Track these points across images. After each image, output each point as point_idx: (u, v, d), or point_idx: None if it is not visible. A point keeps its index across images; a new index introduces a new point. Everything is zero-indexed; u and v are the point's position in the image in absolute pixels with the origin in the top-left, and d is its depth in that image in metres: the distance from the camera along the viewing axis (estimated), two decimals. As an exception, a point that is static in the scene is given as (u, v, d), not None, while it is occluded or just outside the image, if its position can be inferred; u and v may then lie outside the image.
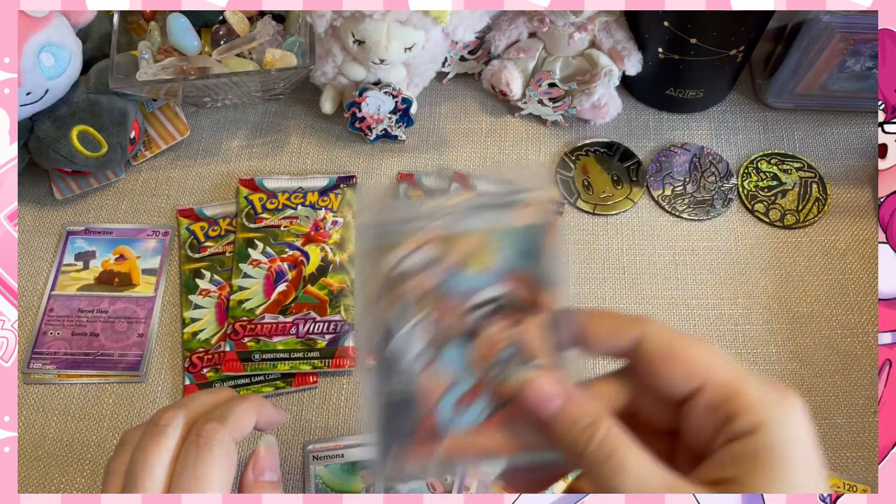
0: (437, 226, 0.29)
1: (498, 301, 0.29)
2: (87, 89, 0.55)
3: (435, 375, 0.29)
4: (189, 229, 0.57)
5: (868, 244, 0.55)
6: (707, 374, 0.26)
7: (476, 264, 0.29)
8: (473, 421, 0.29)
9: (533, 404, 0.27)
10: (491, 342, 0.29)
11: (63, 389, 0.52)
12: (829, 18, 0.51)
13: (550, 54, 0.60)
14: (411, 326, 0.29)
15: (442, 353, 0.29)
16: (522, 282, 0.29)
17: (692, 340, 0.27)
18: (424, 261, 0.29)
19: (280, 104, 0.63)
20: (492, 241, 0.29)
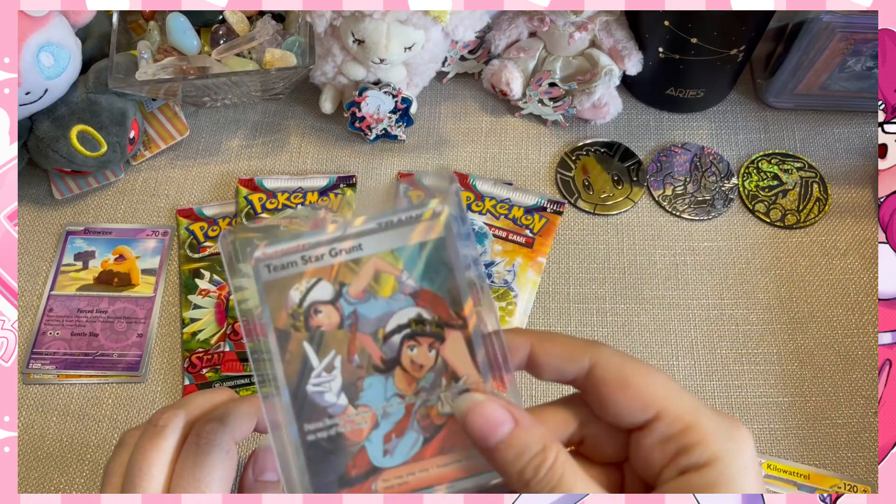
0: (338, 251, 0.28)
1: (410, 325, 0.28)
2: (87, 89, 0.55)
3: (359, 412, 0.28)
4: (188, 229, 0.56)
5: (869, 244, 0.55)
6: (661, 404, 0.26)
7: (383, 290, 0.28)
8: (407, 453, 0.28)
9: (478, 430, 0.26)
10: (412, 369, 0.28)
11: (62, 390, 0.52)
12: (829, 18, 0.51)
13: (551, 54, 0.60)
14: (327, 363, 0.28)
15: (363, 387, 0.28)
16: (431, 301, 0.28)
17: (646, 368, 0.27)
18: (330, 292, 0.28)
19: (280, 104, 0.63)
20: (399, 261, 0.28)
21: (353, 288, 0.28)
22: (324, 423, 0.28)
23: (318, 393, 0.28)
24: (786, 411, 0.50)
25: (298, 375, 0.28)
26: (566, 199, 0.58)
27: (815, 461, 0.48)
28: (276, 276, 0.28)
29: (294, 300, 0.28)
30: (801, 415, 0.50)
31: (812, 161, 0.59)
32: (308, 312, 0.28)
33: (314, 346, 0.28)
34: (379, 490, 0.27)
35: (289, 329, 0.28)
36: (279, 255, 0.28)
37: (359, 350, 0.28)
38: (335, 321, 0.28)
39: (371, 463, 0.28)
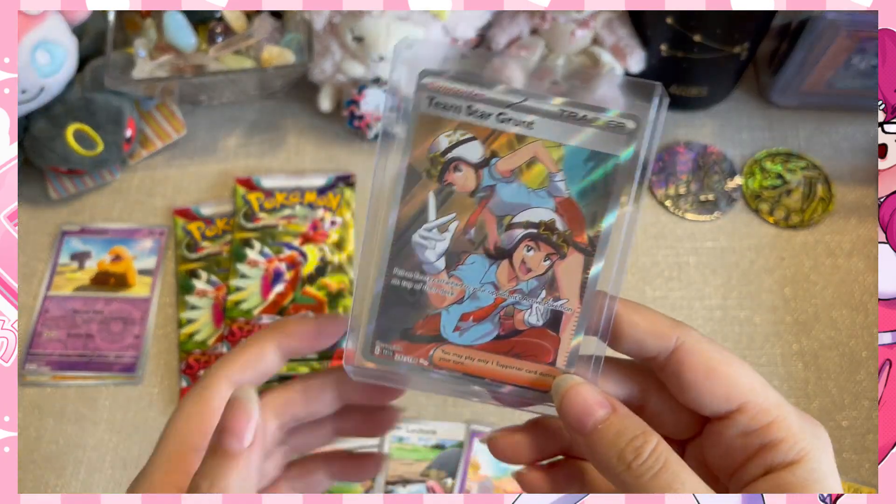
0: (507, 119, 0.26)
1: (539, 227, 0.27)
2: (83, 87, 0.55)
3: (450, 281, 0.27)
4: (185, 229, 0.56)
5: (874, 244, 0.55)
6: (746, 396, 0.26)
7: (531, 179, 0.26)
8: (476, 339, 0.27)
9: (575, 411, 0.25)
10: (520, 268, 0.27)
11: (58, 391, 0.51)
12: (834, 16, 0.51)
13: (552, 51, 0.59)
14: (442, 223, 0.27)
15: (465, 261, 0.27)
16: (571, 213, 0.26)
17: (732, 358, 0.26)
18: (479, 155, 0.26)
19: (277, 102, 0.63)
20: (559, 158, 0.26)
21: (502, 163, 0.26)
22: (414, 275, 0.27)
23: (422, 246, 0.27)
24: (790, 413, 0.49)
25: (410, 220, 0.27)
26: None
27: (820, 464, 0.48)
28: (434, 112, 0.26)
29: (440, 145, 0.26)
30: (806, 417, 0.49)
31: (816, 160, 0.58)
32: (448, 166, 0.26)
33: (439, 200, 0.27)
34: (434, 359, 0.27)
35: (422, 171, 0.26)
36: (446, 93, 0.26)
37: (478, 225, 0.27)
38: (470, 186, 0.26)
39: (440, 331, 0.27)
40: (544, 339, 0.27)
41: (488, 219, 0.27)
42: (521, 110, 0.26)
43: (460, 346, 0.27)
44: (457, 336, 0.27)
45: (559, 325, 0.27)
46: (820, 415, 0.49)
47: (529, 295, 0.27)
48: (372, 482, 0.47)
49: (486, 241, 0.27)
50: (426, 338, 0.27)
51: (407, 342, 0.27)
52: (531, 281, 0.27)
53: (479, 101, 0.26)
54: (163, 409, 0.50)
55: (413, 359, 0.27)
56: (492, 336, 0.27)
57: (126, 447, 0.49)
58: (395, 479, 0.47)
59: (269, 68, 0.54)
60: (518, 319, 0.27)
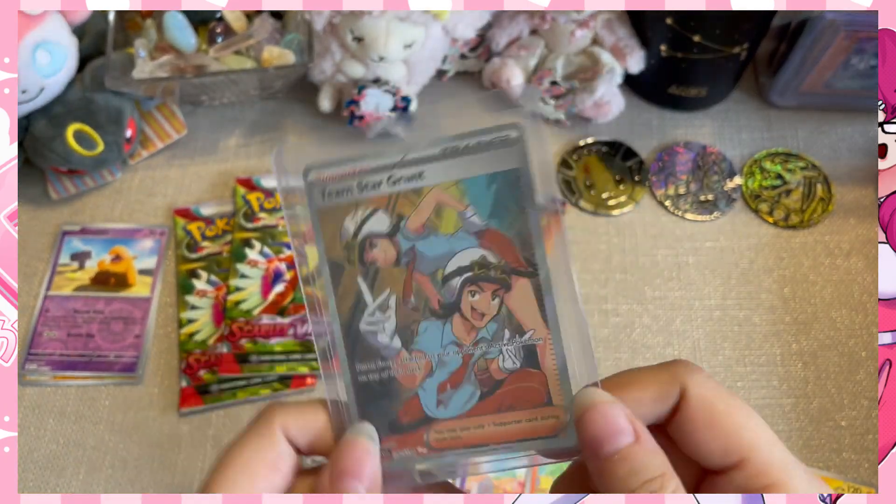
0: (397, 179, 0.26)
1: (473, 268, 0.25)
2: (83, 87, 0.55)
3: (413, 357, 0.26)
4: (186, 229, 0.56)
5: (873, 244, 0.55)
6: (746, 452, 0.24)
7: (444, 226, 0.25)
8: (462, 407, 0.25)
9: (595, 433, 0.23)
10: (473, 316, 0.25)
11: (59, 391, 0.51)
12: (833, 16, 0.51)
13: (552, 52, 0.59)
14: (381, 302, 0.26)
15: (418, 331, 0.26)
16: (498, 243, 0.25)
17: (737, 407, 0.24)
18: (387, 225, 0.26)
19: (278, 102, 0.63)
20: (464, 193, 0.25)
21: (411, 222, 0.26)
22: (376, 364, 0.26)
23: (372, 333, 0.26)
24: (789, 413, 0.49)
25: (351, 312, 0.26)
26: (567, 199, 0.57)
27: (819, 463, 0.48)
28: (331, 202, 0.26)
29: (349, 231, 0.26)
30: (805, 417, 0.49)
31: (815, 160, 0.58)
32: (363, 245, 0.26)
33: (368, 282, 0.26)
34: (431, 441, 0.25)
35: (342, 262, 0.26)
36: (335, 180, 0.26)
37: (415, 291, 0.26)
38: (391, 257, 0.26)
39: (424, 412, 0.26)
40: (529, 380, 0.26)
41: (421, 280, 0.26)
42: (406, 166, 0.26)
43: (450, 419, 0.26)
44: (442, 410, 0.26)
45: (537, 360, 0.25)
46: (819, 414, 0.49)
47: (494, 340, 0.25)
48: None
49: (429, 302, 0.26)
50: (414, 424, 0.26)
51: (398, 435, 0.26)
52: (489, 325, 0.26)
53: (366, 173, 0.26)
54: (163, 409, 0.50)
55: (410, 450, 0.26)
56: (476, 397, 0.26)
57: (126, 447, 0.49)
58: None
59: (270, 68, 0.55)
60: (494, 369, 0.26)
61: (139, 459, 0.49)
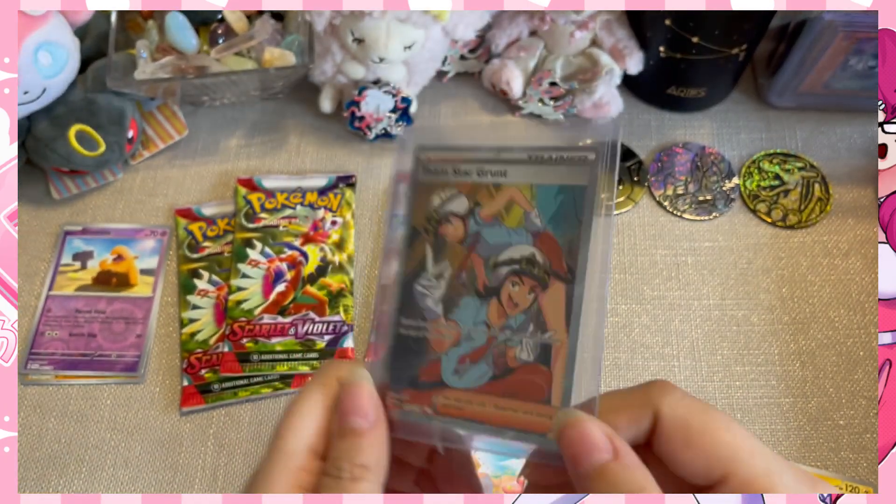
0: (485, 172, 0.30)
1: (521, 262, 0.28)
2: (85, 88, 0.55)
3: (448, 325, 0.29)
4: (187, 229, 0.56)
5: (871, 244, 0.55)
6: (727, 466, 0.23)
7: (510, 220, 0.29)
8: (474, 381, 0.28)
9: (572, 448, 0.24)
10: (508, 304, 0.28)
11: (60, 390, 0.51)
12: (831, 17, 0.51)
13: (551, 53, 0.60)
14: (438, 271, 0.29)
15: (459, 304, 0.29)
16: (549, 246, 0.28)
17: (713, 422, 0.24)
18: (465, 208, 0.30)
19: (279, 103, 0.63)
20: (532, 197, 0.29)
21: (484, 210, 0.29)
22: (417, 322, 0.29)
23: (422, 294, 0.29)
24: (787, 412, 0.49)
25: (413, 273, 0.29)
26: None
27: (817, 463, 0.48)
28: (428, 178, 0.30)
29: (433, 205, 0.30)
30: (803, 416, 0.49)
31: (814, 161, 0.59)
32: (441, 220, 0.29)
33: (434, 251, 0.29)
34: (437, 405, 0.28)
35: (420, 229, 0.30)
36: (437, 161, 0.30)
37: (468, 269, 0.29)
38: (459, 235, 0.29)
39: (441, 376, 0.28)
40: (536, 376, 0.27)
41: (476, 262, 0.29)
42: (495, 163, 0.30)
43: (459, 389, 0.28)
44: (456, 379, 0.28)
45: (550, 359, 0.27)
46: (817, 413, 0.49)
47: (518, 330, 0.28)
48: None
49: (476, 282, 0.29)
50: (429, 384, 0.28)
51: (413, 390, 0.28)
52: (518, 316, 0.28)
53: (461, 162, 0.30)
54: (164, 408, 0.51)
55: (419, 406, 0.28)
56: (487, 377, 0.28)
57: (128, 446, 0.49)
58: (395, 477, 0.48)
59: (271, 69, 0.55)
60: (510, 357, 0.28)
61: (141, 458, 0.49)
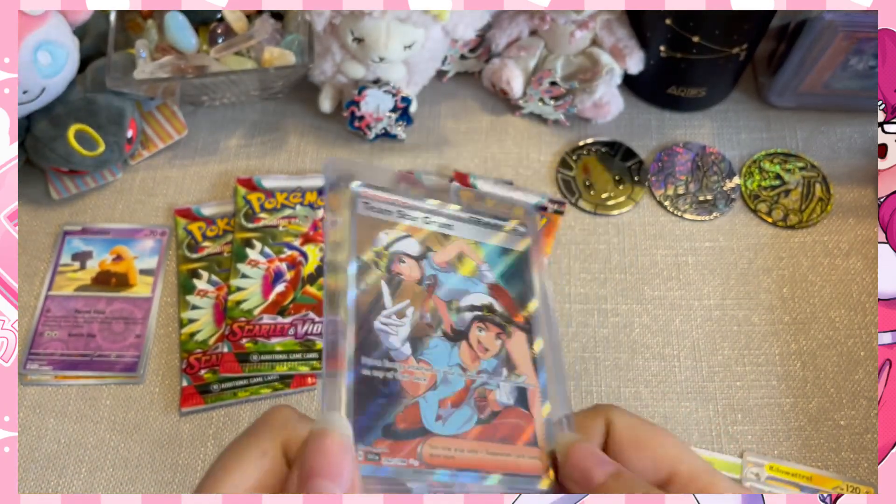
0: (431, 221, 0.30)
1: (483, 309, 0.29)
2: (84, 88, 0.55)
3: (420, 366, 0.27)
4: (186, 229, 0.56)
5: (872, 244, 0.55)
6: (672, 465, 0.26)
7: (465, 269, 0.30)
8: (460, 427, 0.27)
9: (583, 464, 0.26)
10: (478, 348, 0.28)
11: (60, 391, 0.51)
12: (832, 17, 0.51)
13: (551, 52, 0.60)
14: (400, 308, 0.28)
15: (429, 345, 0.28)
16: (504, 298, 0.30)
17: (658, 430, 0.27)
18: (417, 250, 0.29)
19: (278, 103, 0.63)
20: (482, 252, 0.30)
21: (437, 256, 0.30)
22: (383, 362, 0.26)
23: (385, 332, 0.27)
24: (788, 412, 0.49)
25: (369, 307, 0.27)
26: (567, 199, 0.58)
27: (818, 463, 0.48)
28: (370, 214, 0.29)
29: (382, 241, 0.29)
30: (804, 416, 0.49)
31: (814, 161, 0.58)
32: (392, 258, 0.29)
33: (391, 288, 0.28)
34: (424, 455, 0.25)
35: (370, 263, 0.28)
36: (378, 200, 0.30)
37: (431, 310, 0.28)
38: (416, 276, 0.29)
39: (422, 423, 0.26)
40: (520, 419, 0.28)
41: (439, 304, 0.29)
42: (440, 215, 0.30)
43: (446, 437, 0.26)
44: (440, 426, 0.26)
45: (527, 402, 0.28)
46: (818, 414, 0.49)
47: (493, 374, 0.28)
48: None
49: (443, 324, 0.28)
50: (410, 432, 0.26)
51: (391, 440, 0.25)
52: (490, 360, 0.28)
53: (406, 207, 0.30)
54: (164, 408, 0.50)
55: (402, 459, 0.25)
56: (473, 421, 0.27)
57: (127, 447, 0.49)
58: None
59: (270, 69, 0.55)
60: (492, 399, 0.28)
61: (140, 459, 0.49)
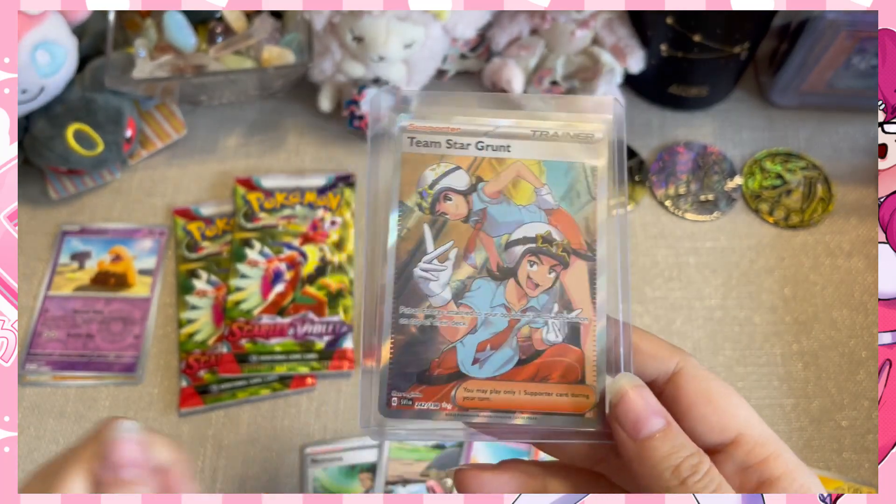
0: (485, 146, 0.27)
1: (537, 241, 0.27)
2: (83, 87, 0.55)
3: (460, 311, 0.26)
4: (185, 229, 0.56)
5: (874, 244, 0.55)
6: (742, 428, 0.25)
7: (519, 197, 0.27)
8: (498, 369, 0.26)
9: (634, 415, 0.25)
10: (527, 285, 0.26)
11: (58, 391, 0.51)
12: (834, 16, 0.51)
13: (552, 51, 0.59)
14: (442, 252, 0.26)
15: (471, 287, 0.26)
16: (565, 223, 0.27)
17: (730, 389, 0.26)
18: (465, 183, 0.27)
19: (278, 102, 0.63)
20: (540, 173, 0.27)
21: (489, 186, 0.27)
22: (421, 310, 0.26)
23: (424, 279, 0.26)
24: (789, 413, 0.49)
25: (409, 254, 0.26)
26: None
27: (820, 464, 0.48)
28: (417, 150, 0.27)
29: (427, 179, 0.27)
30: (805, 417, 0.49)
31: (816, 160, 0.58)
32: (438, 196, 0.27)
33: (434, 230, 0.27)
34: (458, 399, 0.25)
35: (413, 206, 0.27)
36: (426, 131, 0.27)
37: (477, 249, 0.27)
38: (462, 213, 0.27)
39: (458, 367, 0.26)
40: (568, 356, 0.26)
41: (486, 241, 0.27)
42: (496, 136, 0.27)
43: (483, 379, 0.26)
44: (477, 369, 0.26)
45: (579, 338, 0.26)
46: (820, 414, 0.49)
47: (543, 311, 0.26)
48: (371, 482, 0.47)
49: (489, 263, 0.26)
50: (445, 377, 0.26)
51: (425, 386, 0.26)
52: (541, 296, 0.26)
53: (456, 134, 0.27)
54: (163, 409, 0.50)
55: (435, 403, 0.26)
56: (513, 362, 0.26)
57: (126, 447, 0.49)
58: (395, 479, 0.47)
59: (269, 68, 0.54)
60: (536, 339, 0.26)
61: (139, 460, 0.49)
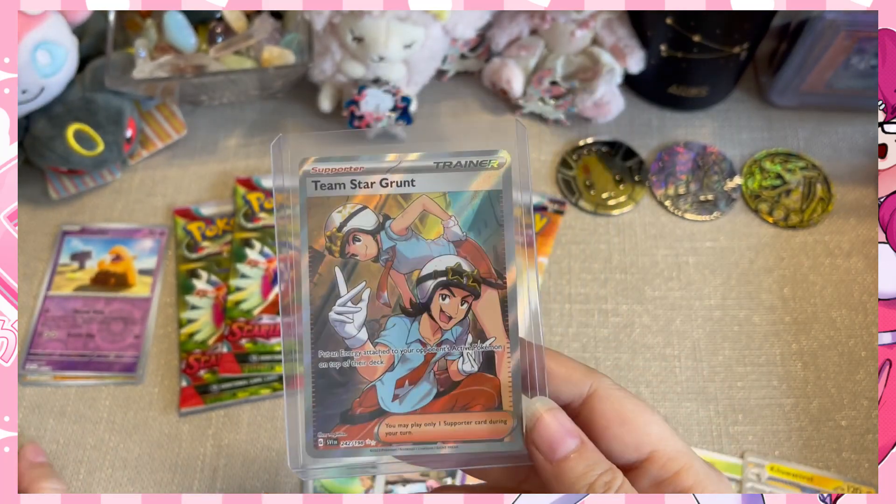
0: (389, 183, 0.27)
1: (447, 274, 0.27)
2: (83, 87, 0.55)
3: (377, 350, 0.27)
4: (186, 229, 0.56)
5: (873, 244, 0.55)
6: (656, 444, 0.26)
7: (427, 232, 0.27)
8: (417, 403, 0.27)
9: (549, 437, 0.26)
10: (440, 318, 0.27)
11: (59, 391, 0.51)
12: (833, 16, 0.51)
13: (552, 52, 0.59)
14: (355, 294, 0.27)
15: (386, 326, 0.27)
16: (473, 254, 0.27)
17: (643, 407, 0.27)
18: (373, 223, 0.27)
19: (278, 102, 0.63)
20: (447, 206, 0.27)
21: (396, 223, 0.27)
22: (339, 353, 0.27)
23: (340, 322, 0.27)
24: (789, 413, 0.49)
25: (323, 300, 0.27)
26: (567, 199, 0.57)
27: (819, 463, 0.48)
28: (322, 193, 0.27)
29: (335, 222, 0.27)
30: (805, 416, 0.49)
31: (816, 160, 0.58)
32: (346, 238, 0.27)
33: (345, 273, 0.27)
34: (381, 435, 0.26)
35: (324, 251, 0.27)
36: (329, 174, 0.27)
37: (389, 288, 0.27)
38: (372, 253, 0.27)
39: (378, 404, 0.27)
40: (484, 384, 0.27)
41: (397, 279, 0.27)
42: (400, 171, 0.28)
43: (403, 414, 0.27)
44: (397, 405, 0.27)
45: (494, 366, 0.27)
46: (819, 414, 0.49)
47: (457, 342, 0.27)
48: (371, 482, 0.47)
49: (401, 300, 0.27)
50: (367, 415, 0.27)
51: (349, 425, 0.27)
52: (455, 328, 0.27)
53: (361, 173, 0.27)
54: (163, 408, 0.50)
55: (359, 441, 0.26)
56: (432, 395, 0.27)
57: (126, 447, 0.49)
58: (395, 478, 0.47)
59: (270, 68, 0.55)
60: (453, 370, 0.27)
61: (139, 459, 0.49)
